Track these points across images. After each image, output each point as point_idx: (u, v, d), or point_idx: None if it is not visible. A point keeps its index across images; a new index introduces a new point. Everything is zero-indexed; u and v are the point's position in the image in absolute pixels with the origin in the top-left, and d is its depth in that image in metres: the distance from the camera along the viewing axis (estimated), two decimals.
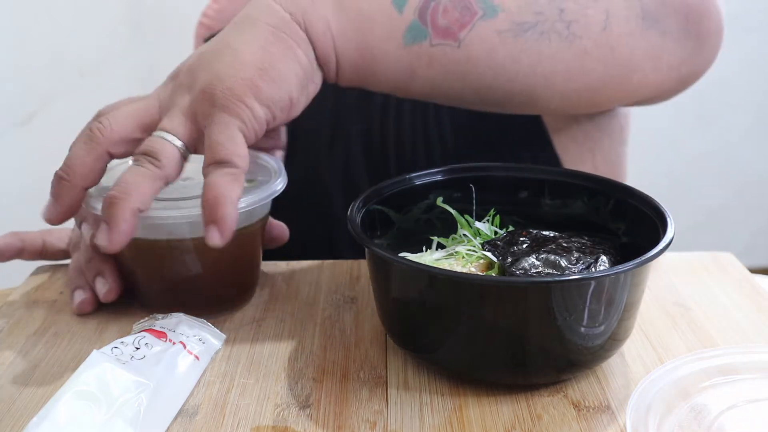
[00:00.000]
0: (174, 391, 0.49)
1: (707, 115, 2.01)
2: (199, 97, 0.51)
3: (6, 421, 0.48)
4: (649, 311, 0.59)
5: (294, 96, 0.54)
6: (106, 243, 0.49)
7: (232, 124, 0.51)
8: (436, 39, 0.56)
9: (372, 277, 0.54)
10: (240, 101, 0.51)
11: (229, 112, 0.51)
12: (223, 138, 0.50)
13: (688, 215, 1.94)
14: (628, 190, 0.56)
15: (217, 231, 0.48)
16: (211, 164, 0.50)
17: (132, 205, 0.49)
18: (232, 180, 0.49)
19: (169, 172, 0.51)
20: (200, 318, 0.55)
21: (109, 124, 0.52)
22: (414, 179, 0.59)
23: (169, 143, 0.51)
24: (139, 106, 0.54)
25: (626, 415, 0.44)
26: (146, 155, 0.50)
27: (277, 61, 0.52)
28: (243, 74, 0.51)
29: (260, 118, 0.52)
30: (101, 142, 0.52)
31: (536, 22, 0.57)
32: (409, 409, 0.49)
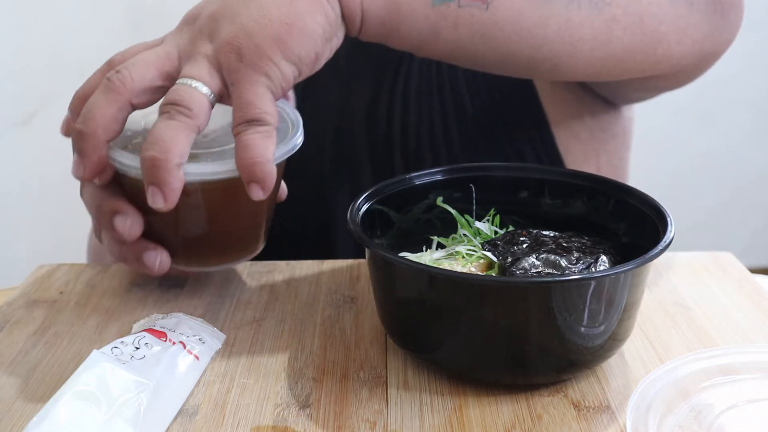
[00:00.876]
0: (174, 391, 0.49)
1: (707, 115, 2.01)
2: (224, 49, 0.50)
3: (6, 421, 0.48)
4: (649, 311, 0.59)
5: (319, 51, 0.53)
6: (162, 205, 0.49)
7: (260, 82, 0.50)
8: (465, 0, 0.56)
9: (372, 277, 0.54)
10: (268, 59, 0.50)
11: (256, 70, 0.50)
12: (252, 97, 0.49)
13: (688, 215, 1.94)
14: (628, 190, 0.56)
15: (260, 188, 0.49)
16: (242, 123, 0.49)
17: (175, 161, 0.48)
18: (265, 137, 0.49)
19: (201, 121, 0.50)
20: (199, 318, 0.55)
21: (129, 74, 0.50)
22: (414, 179, 0.59)
23: (198, 91, 0.50)
24: (158, 53, 0.52)
25: (626, 415, 0.44)
26: (176, 105, 0.49)
27: (304, 14, 0.51)
28: (270, 30, 0.50)
29: (287, 75, 0.51)
30: (123, 92, 0.50)
31: None
32: (409, 409, 0.49)
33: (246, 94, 0.50)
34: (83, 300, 0.62)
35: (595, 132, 0.77)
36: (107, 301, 0.62)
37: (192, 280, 0.64)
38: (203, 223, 0.56)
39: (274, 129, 0.50)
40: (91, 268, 0.67)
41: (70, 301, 0.62)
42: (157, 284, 0.64)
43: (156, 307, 0.61)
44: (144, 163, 0.49)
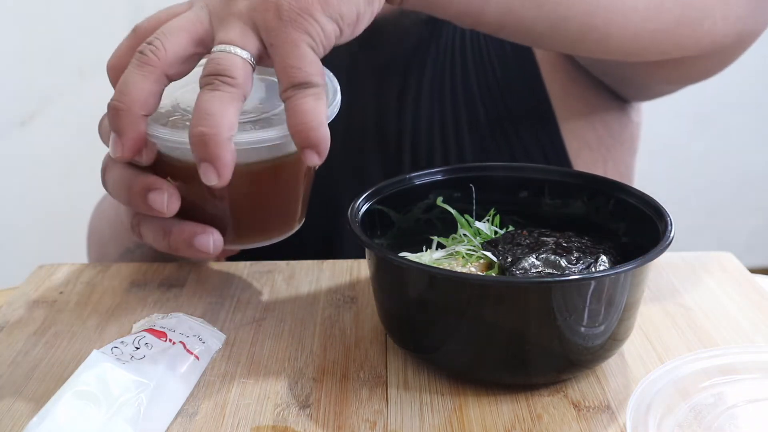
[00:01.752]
0: (174, 391, 0.49)
1: (707, 114, 2.02)
2: (260, 7, 0.47)
3: (6, 421, 0.48)
4: (649, 311, 0.59)
5: (361, 11, 0.49)
6: (216, 181, 0.47)
7: (302, 41, 0.47)
8: None
9: (372, 277, 0.54)
10: (308, 15, 0.47)
11: (296, 28, 0.47)
12: (295, 59, 0.46)
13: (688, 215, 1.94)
14: (628, 190, 0.56)
15: (316, 153, 0.47)
16: (291, 88, 0.46)
17: (226, 135, 0.46)
18: (315, 100, 0.46)
19: (246, 89, 0.47)
20: (199, 318, 0.55)
21: (162, 45, 0.48)
22: (414, 179, 0.59)
23: (238, 57, 0.47)
24: (190, 18, 0.49)
25: (626, 415, 0.44)
26: (218, 75, 0.46)
27: None
28: None
29: (329, 33, 0.48)
30: (157, 65, 0.48)
31: None
32: (409, 409, 0.49)
33: (290, 57, 0.46)
34: (83, 300, 0.62)
35: (604, 139, 0.77)
36: (107, 301, 0.62)
37: (192, 280, 0.64)
38: (251, 197, 0.54)
39: (323, 90, 0.47)
40: (91, 268, 0.67)
41: (70, 301, 0.62)
42: (157, 284, 0.64)
43: (156, 307, 0.61)
44: (193, 140, 0.46)
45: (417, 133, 0.76)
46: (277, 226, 0.58)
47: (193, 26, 0.49)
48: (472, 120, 0.76)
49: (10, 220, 1.80)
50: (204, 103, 0.46)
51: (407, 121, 0.77)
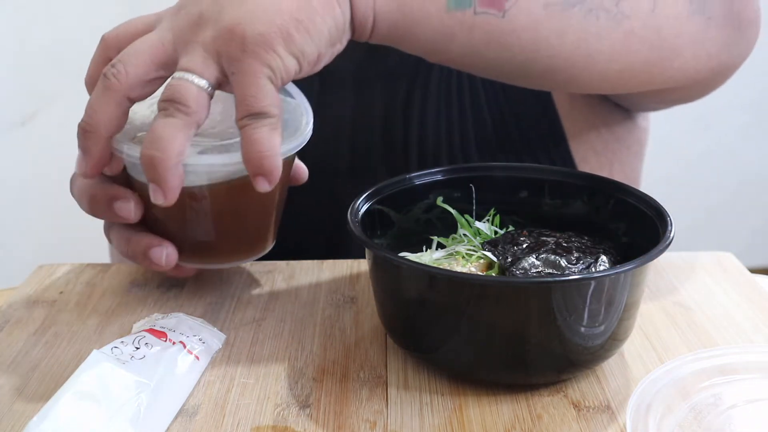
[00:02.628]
0: (174, 391, 0.49)
1: (707, 114, 2.01)
2: (225, 36, 0.49)
3: (6, 421, 0.48)
4: (649, 311, 0.59)
5: (322, 52, 0.52)
6: (163, 201, 0.49)
7: (261, 73, 0.48)
8: (481, 7, 0.55)
9: (372, 277, 0.54)
10: (271, 48, 0.48)
11: (258, 60, 0.48)
12: (255, 89, 0.48)
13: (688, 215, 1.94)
14: (628, 190, 0.56)
15: (266, 181, 0.49)
16: (246, 117, 0.48)
17: (173, 160, 0.48)
18: (270, 130, 0.48)
19: (200, 117, 0.49)
20: (199, 318, 0.55)
21: (123, 69, 0.50)
22: (414, 179, 0.59)
23: (195, 85, 0.49)
24: (152, 42, 0.50)
25: (626, 415, 0.44)
26: (173, 102, 0.48)
27: (315, 14, 0.50)
28: (278, 20, 0.49)
29: (289, 68, 0.50)
30: (119, 89, 0.50)
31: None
32: (409, 409, 0.49)
33: (249, 87, 0.49)
34: (83, 300, 0.62)
35: (610, 143, 0.77)
36: (107, 301, 0.62)
37: (192, 280, 0.64)
38: (211, 219, 0.56)
39: (278, 121, 0.49)
40: (91, 268, 0.67)
41: (70, 301, 0.62)
42: (157, 284, 0.64)
43: (156, 307, 0.61)
44: (143, 161, 0.49)
45: (424, 139, 0.76)
46: (239, 250, 0.59)
47: (156, 50, 0.50)
48: (479, 125, 0.76)
49: (10, 220, 1.80)
50: (157, 128, 0.48)
51: (414, 127, 0.77)
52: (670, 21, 0.58)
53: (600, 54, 0.58)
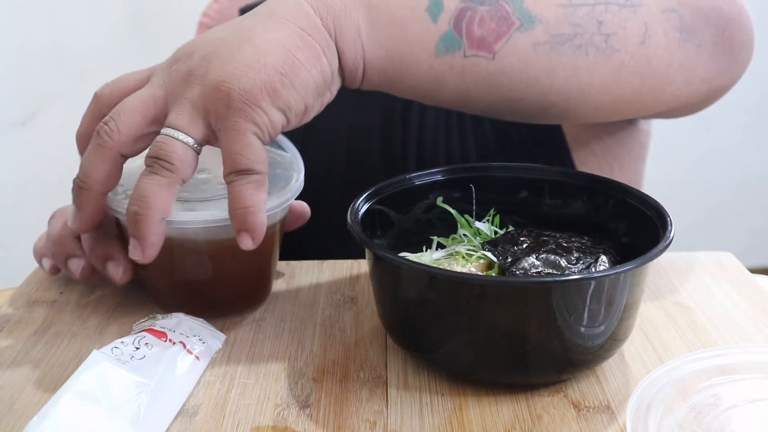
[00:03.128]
0: (174, 391, 0.49)
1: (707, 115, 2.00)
2: (212, 94, 0.49)
3: (6, 421, 0.48)
4: (649, 311, 0.59)
5: (310, 104, 0.52)
6: (140, 257, 0.50)
7: (248, 130, 0.49)
8: (471, 50, 0.55)
9: (372, 277, 0.54)
10: (256, 105, 0.49)
11: (244, 117, 0.49)
12: (240, 147, 0.49)
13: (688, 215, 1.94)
14: (628, 190, 0.56)
15: (250, 238, 0.50)
16: (233, 173, 0.49)
17: (156, 217, 0.49)
18: (256, 187, 0.49)
19: (185, 174, 0.50)
20: (200, 318, 0.55)
21: (116, 126, 0.50)
22: (414, 179, 0.59)
23: (181, 143, 0.49)
24: (144, 98, 0.51)
25: (626, 415, 0.44)
26: (158, 159, 0.49)
27: (300, 67, 0.51)
28: (263, 76, 0.49)
29: (275, 123, 0.50)
30: (112, 147, 0.51)
31: (574, 34, 0.56)
32: (409, 409, 0.49)
33: (235, 144, 0.49)
34: (83, 300, 0.62)
35: (610, 147, 0.77)
36: (107, 301, 0.62)
37: None
38: (201, 273, 0.57)
39: (264, 177, 0.50)
40: None
41: (70, 301, 0.62)
42: None
43: (156, 307, 0.61)
44: (128, 217, 0.50)
45: (422, 146, 0.76)
46: (228, 303, 0.59)
47: (148, 107, 0.51)
48: (478, 131, 0.76)
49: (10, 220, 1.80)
50: (141, 185, 0.49)
51: (412, 135, 0.76)
52: (660, 51, 0.58)
53: (591, 87, 0.58)
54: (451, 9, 0.54)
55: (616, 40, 0.57)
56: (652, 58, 0.58)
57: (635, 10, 0.57)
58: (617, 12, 0.56)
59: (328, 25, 0.52)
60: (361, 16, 0.53)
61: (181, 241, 0.55)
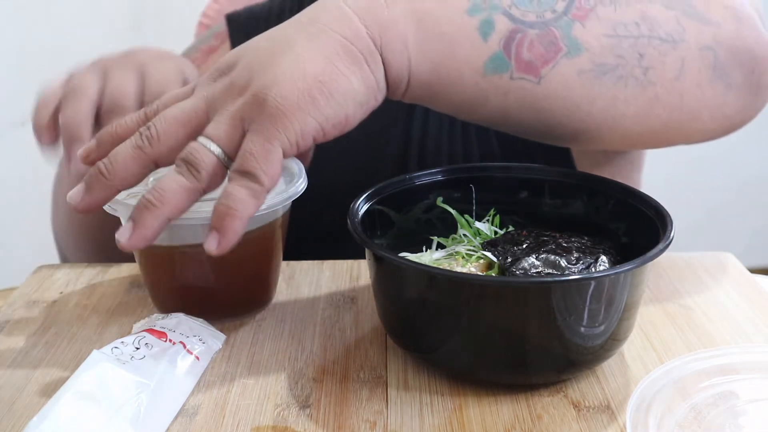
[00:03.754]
0: (174, 391, 0.49)
1: None
2: (249, 101, 0.48)
3: (6, 421, 0.48)
4: (649, 311, 0.59)
5: (350, 114, 0.50)
6: (125, 242, 0.48)
7: (275, 138, 0.48)
8: (518, 73, 0.54)
9: (372, 277, 0.54)
10: (290, 113, 0.48)
11: (275, 124, 0.48)
12: (258, 150, 0.48)
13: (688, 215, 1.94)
14: (628, 190, 0.56)
15: (216, 240, 0.48)
16: (236, 171, 0.48)
17: (164, 213, 0.48)
18: (250, 195, 0.48)
19: (207, 185, 0.49)
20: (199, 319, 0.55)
21: (157, 134, 0.49)
22: (414, 179, 0.59)
23: (212, 154, 0.48)
24: (187, 111, 0.50)
25: (626, 415, 0.44)
26: (187, 163, 0.48)
27: (340, 76, 0.49)
28: (301, 84, 0.48)
29: (308, 134, 0.49)
30: (149, 153, 0.50)
31: (616, 65, 0.56)
32: (409, 409, 0.49)
33: (254, 145, 0.48)
34: (83, 300, 0.62)
35: (613, 158, 0.77)
36: (107, 301, 0.62)
37: None
38: (197, 280, 0.57)
39: (264, 191, 0.48)
40: (91, 269, 0.67)
41: (70, 301, 0.62)
42: None
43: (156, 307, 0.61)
44: (140, 201, 0.49)
45: (423, 151, 0.76)
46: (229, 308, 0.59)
47: (190, 119, 0.50)
48: (482, 139, 0.76)
49: (10, 220, 1.80)
50: (164, 180, 0.48)
51: (414, 142, 0.76)
52: (693, 88, 0.58)
53: (625, 118, 0.58)
54: (502, 30, 0.54)
55: (653, 74, 0.57)
56: (684, 94, 0.58)
57: (675, 45, 0.57)
58: (658, 46, 0.56)
59: (373, 35, 0.51)
60: (409, 28, 0.53)
61: (182, 247, 0.55)
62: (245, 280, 0.59)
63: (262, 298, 0.61)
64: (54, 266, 0.68)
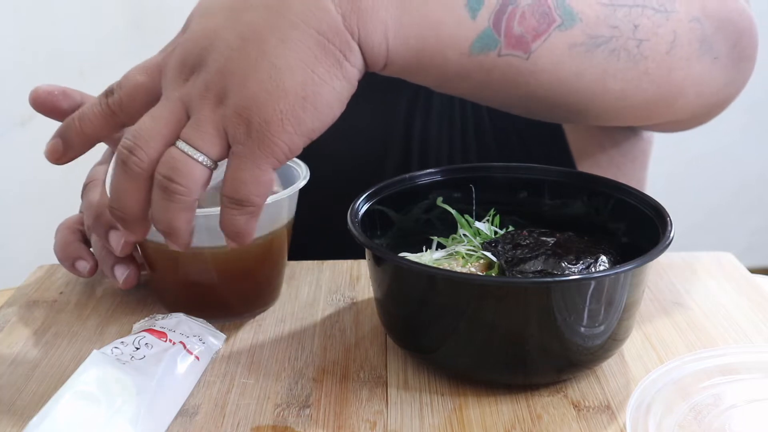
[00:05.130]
0: (174, 391, 0.49)
1: None
2: (232, 119, 0.46)
3: (6, 421, 0.48)
4: (649, 311, 0.59)
5: (336, 114, 0.49)
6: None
7: (264, 162, 0.46)
8: (507, 49, 0.52)
9: (372, 277, 0.54)
10: (277, 138, 0.46)
11: (263, 149, 0.46)
12: (249, 176, 0.46)
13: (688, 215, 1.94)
14: (627, 190, 0.56)
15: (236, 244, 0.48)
16: (230, 199, 0.47)
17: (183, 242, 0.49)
18: (248, 220, 0.47)
19: (199, 194, 0.48)
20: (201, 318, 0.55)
21: (144, 154, 0.47)
22: (414, 179, 0.59)
23: (200, 164, 0.46)
24: (166, 118, 0.47)
25: (626, 415, 0.44)
26: (171, 180, 0.46)
27: (323, 85, 0.47)
28: (283, 104, 0.46)
29: (296, 150, 0.47)
30: (140, 173, 0.48)
31: (610, 36, 0.54)
32: (409, 409, 0.49)
33: (244, 172, 0.46)
34: (83, 300, 0.62)
35: (614, 157, 0.76)
36: (107, 301, 0.62)
37: None
38: (202, 280, 0.57)
39: (260, 208, 0.48)
40: None
41: (70, 301, 0.62)
42: None
43: (156, 307, 0.61)
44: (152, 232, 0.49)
45: (424, 155, 0.76)
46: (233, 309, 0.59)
47: (170, 130, 0.48)
48: (480, 136, 0.76)
49: (10, 220, 1.80)
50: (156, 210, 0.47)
51: (414, 146, 0.76)
52: (682, 62, 0.57)
53: (611, 93, 0.57)
54: (492, 3, 0.51)
55: (647, 47, 0.55)
56: (673, 69, 0.57)
57: (668, 16, 0.56)
58: (652, 16, 0.55)
59: (351, 25, 0.48)
60: (390, 14, 0.49)
61: None
62: (252, 284, 0.59)
63: (267, 300, 0.61)
64: (54, 266, 0.68)
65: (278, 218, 0.57)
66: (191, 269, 0.57)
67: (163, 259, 0.57)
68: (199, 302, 0.58)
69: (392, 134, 0.77)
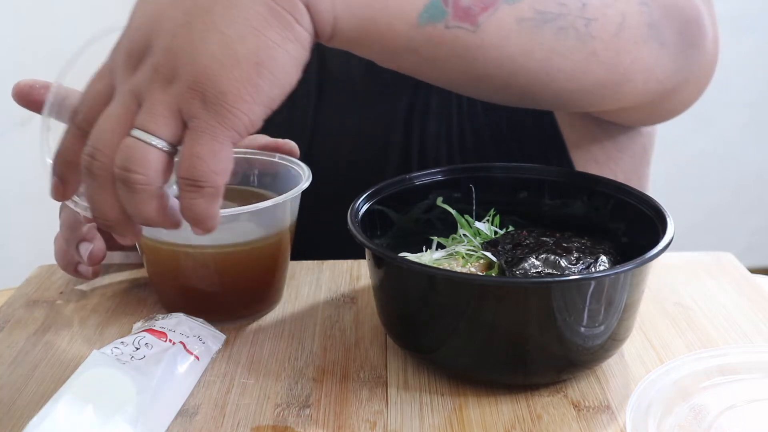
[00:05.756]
0: (174, 391, 0.49)
1: (706, 114, 2.01)
2: (186, 96, 0.43)
3: (6, 421, 0.48)
4: (649, 311, 0.59)
5: (294, 80, 0.46)
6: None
7: (223, 135, 0.43)
8: (454, 21, 0.51)
9: (372, 277, 0.54)
10: (236, 108, 0.43)
11: (221, 122, 0.43)
12: (205, 151, 0.43)
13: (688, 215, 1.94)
14: (627, 190, 0.56)
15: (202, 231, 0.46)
16: (186, 180, 0.43)
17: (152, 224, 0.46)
18: (209, 201, 0.44)
19: (162, 181, 0.45)
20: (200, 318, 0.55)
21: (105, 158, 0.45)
22: (414, 179, 0.59)
23: (155, 148, 0.44)
24: (119, 116, 0.45)
25: (626, 415, 0.44)
26: (129, 171, 0.43)
27: (276, 49, 0.45)
28: (237, 72, 0.43)
29: (256, 121, 0.45)
30: (107, 177, 0.45)
31: (559, 14, 0.54)
32: (409, 409, 0.49)
33: (201, 147, 0.43)
34: (83, 300, 0.62)
35: (612, 153, 0.76)
36: (107, 301, 0.62)
37: None
38: (203, 281, 0.57)
39: (220, 190, 0.44)
40: None
41: (70, 301, 0.62)
42: None
43: (156, 307, 0.61)
44: None
45: (423, 152, 0.76)
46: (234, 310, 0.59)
47: (122, 125, 0.45)
48: (478, 136, 0.76)
49: (10, 220, 1.80)
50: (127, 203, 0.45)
51: (414, 143, 0.76)
52: (630, 45, 0.57)
53: (560, 73, 0.56)
54: None
55: (595, 27, 0.55)
56: (621, 52, 0.57)
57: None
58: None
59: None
60: None
61: (186, 247, 0.55)
62: (253, 286, 0.59)
63: (268, 303, 0.61)
64: (54, 266, 0.68)
65: (281, 221, 0.57)
66: (192, 270, 0.57)
67: (163, 259, 0.57)
68: (200, 304, 0.58)
69: (392, 136, 0.77)
